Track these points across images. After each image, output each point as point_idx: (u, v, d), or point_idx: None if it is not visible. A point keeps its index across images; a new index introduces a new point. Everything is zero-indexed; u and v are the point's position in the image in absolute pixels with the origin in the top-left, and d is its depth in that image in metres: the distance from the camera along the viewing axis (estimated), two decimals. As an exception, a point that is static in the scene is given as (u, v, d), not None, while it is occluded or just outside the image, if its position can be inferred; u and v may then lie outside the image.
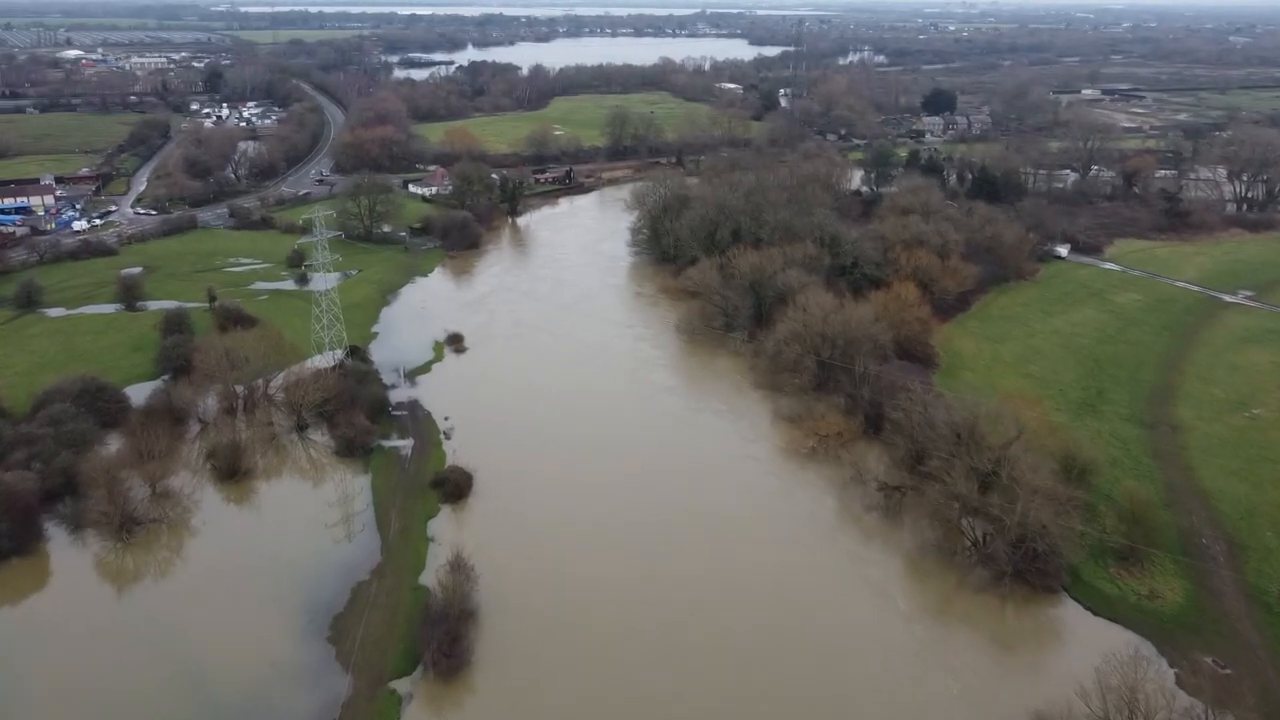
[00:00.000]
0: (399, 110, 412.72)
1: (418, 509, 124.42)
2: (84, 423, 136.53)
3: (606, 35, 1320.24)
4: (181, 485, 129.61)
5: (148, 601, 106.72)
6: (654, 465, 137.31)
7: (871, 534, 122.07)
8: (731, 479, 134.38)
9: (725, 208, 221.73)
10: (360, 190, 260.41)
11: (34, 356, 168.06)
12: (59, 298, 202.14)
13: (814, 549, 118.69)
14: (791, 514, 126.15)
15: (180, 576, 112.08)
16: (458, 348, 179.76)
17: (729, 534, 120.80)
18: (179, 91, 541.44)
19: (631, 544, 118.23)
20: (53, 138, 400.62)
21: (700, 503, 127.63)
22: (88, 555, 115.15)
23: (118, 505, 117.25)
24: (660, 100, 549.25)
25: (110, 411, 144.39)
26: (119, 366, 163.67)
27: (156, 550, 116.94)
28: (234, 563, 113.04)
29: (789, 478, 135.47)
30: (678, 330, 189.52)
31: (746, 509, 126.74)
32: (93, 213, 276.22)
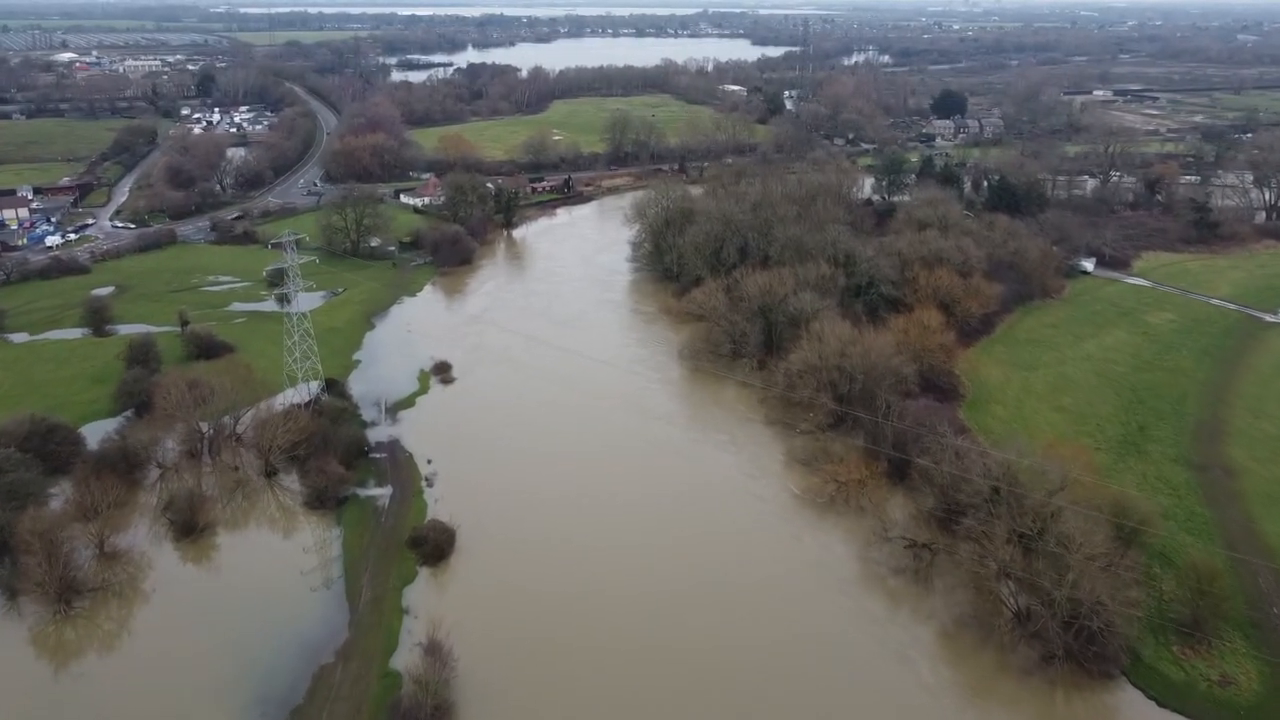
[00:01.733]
0: (393, 115, 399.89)
1: (393, 573, 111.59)
2: (29, 471, 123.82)
3: (608, 36, 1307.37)
4: (133, 543, 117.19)
5: (83, 691, 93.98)
6: (655, 518, 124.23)
7: (899, 600, 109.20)
8: (742, 532, 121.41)
9: (731, 222, 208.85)
10: (347, 202, 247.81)
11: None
12: (23, 321, 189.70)
13: (834, 617, 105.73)
14: (808, 574, 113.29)
15: (124, 656, 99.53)
16: (444, 378, 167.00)
17: (740, 599, 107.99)
18: (170, 96, 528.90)
19: (627, 613, 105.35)
20: (36, 145, 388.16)
21: (708, 561, 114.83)
22: (21, 630, 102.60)
23: (56, 571, 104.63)
24: (662, 103, 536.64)
25: (62, 455, 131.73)
26: (77, 401, 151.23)
27: (101, 622, 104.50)
28: (184, 639, 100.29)
29: (805, 531, 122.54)
30: (681, 357, 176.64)
31: (759, 568, 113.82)
32: (68, 227, 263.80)
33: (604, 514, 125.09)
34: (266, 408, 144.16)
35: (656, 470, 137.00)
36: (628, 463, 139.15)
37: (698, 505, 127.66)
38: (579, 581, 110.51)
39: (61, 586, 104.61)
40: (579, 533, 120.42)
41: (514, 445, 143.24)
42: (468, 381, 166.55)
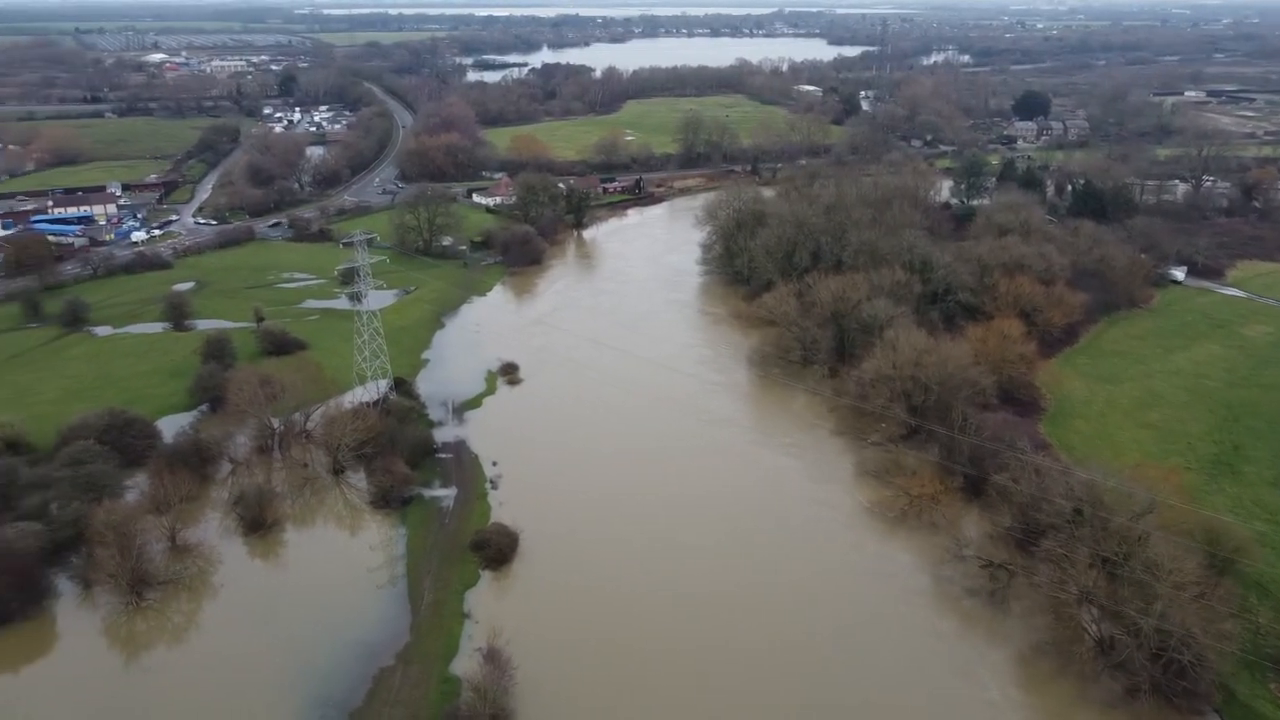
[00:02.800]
0: (467, 115, 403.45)
1: (455, 576, 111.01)
2: (106, 463, 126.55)
3: (682, 35, 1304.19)
4: (204, 537, 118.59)
5: (151, 684, 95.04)
6: (721, 525, 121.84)
7: (972, 621, 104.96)
8: (808, 543, 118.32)
9: (804, 226, 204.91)
10: (420, 201, 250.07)
11: (68, 382, 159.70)
12: (107, 314, 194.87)
13: (903, 634, 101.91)
14: (877, 589, 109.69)
15: (191, 650, 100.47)
16: (511, 378, 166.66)
17: (805, 609, 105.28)
18: (253, 95, 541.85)
19: (689, 620, 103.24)
20: (125, 143, 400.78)
21: (772, 570, 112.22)
22: (95, 620, 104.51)
23: (129, 563, 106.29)
24: (735, 103, 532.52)
25: (138, 448, 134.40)
26: (154, 395, 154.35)
27: (170, 615, 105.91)
28: (250, 635, 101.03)
29: (874, 545, 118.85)
30: (750, 362, 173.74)
31: (826, 580, 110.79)
32: (153, 223, 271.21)
33: (668, 519, 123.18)
34: (336, 405, 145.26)
35: (722, 476, 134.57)
36: (693, 468, 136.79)
37: (763, 514, 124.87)
38: (641, 588, 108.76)
39: (134, 578, 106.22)
40: (642, 538, 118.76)
41: (579, 448, 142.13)
42: (534, 383, 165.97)
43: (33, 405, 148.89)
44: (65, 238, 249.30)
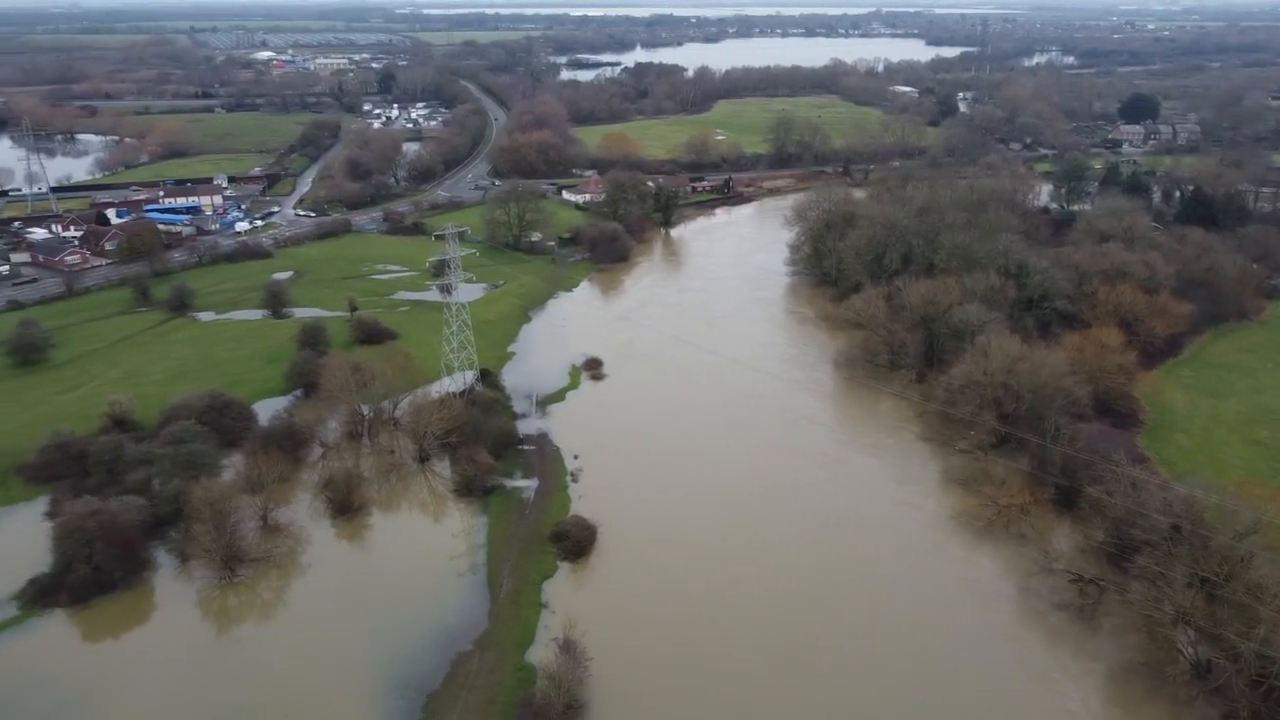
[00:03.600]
0: (559, 113, 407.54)
1: (533, 566, 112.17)
2: (205, 443, 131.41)
3: (776, 35, 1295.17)
4: (294, 518, 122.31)
5: (240, 656, 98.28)
6: (802, 527, 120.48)
7: (1060, 637, 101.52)
8: (889, 549, 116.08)
9: (895, 228, 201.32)
10: (511, 197, 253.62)
11: (173, 364, 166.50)
12: (210, 301, 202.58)
13: (986, 646, 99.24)
14: (960, 600, 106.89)
15: (278, 626, 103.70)
16: (595, 374, 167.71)
17: (882, 615, 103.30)
18: (354, 92, 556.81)
19: (764, 620, 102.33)
20: (232, 137, 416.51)
21: (851, 574, 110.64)
22: (190, 593, 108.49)
23: (223, 539, 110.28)
24: (828, 104, 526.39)
25: (235, 430, 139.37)
26: (252, 379, 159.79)
27: (260, 591, 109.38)
28: (334, 615, 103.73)
29: (960, 555, 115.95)
30: (835, 364, 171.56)
31: (905, 587, 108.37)
32: (256, 214, 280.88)
33: (747, 517, 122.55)
34: (423, 394, 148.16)
35: (803, 476, 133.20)
36: (773, 467, 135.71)
37: (844, 517, 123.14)
38: (717, 585, 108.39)
39: (227, 554, 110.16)
40: (720, 535, 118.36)
41: (660, 444, 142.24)
42: (617, 378, 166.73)
43: (140, 385, 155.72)
44: (174, 227, 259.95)
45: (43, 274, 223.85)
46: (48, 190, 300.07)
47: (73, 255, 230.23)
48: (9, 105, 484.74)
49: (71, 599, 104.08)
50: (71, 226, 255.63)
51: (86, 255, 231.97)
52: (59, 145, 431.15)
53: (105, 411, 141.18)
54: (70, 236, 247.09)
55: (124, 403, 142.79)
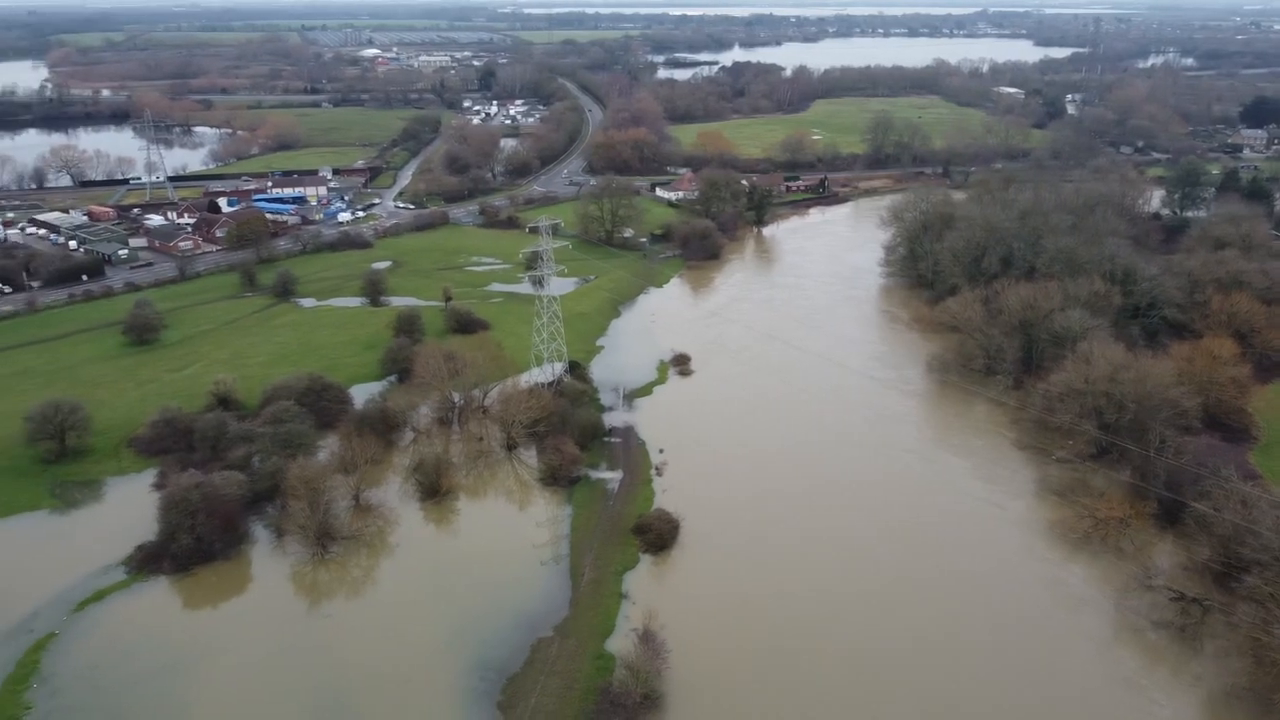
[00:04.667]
0: (655, 111, 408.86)
1: (615, 558, 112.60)
2: (304, 423, 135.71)
3: (878, 35, 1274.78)
4: (384, 499, 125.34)
5: (329, 630, 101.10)
6: (883, 529, 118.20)
7: (1158, 657, 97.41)
8: (977, 557, 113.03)
9: (995, 230, 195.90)
10: (604, 193, 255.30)
11: (276, 348, 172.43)
12: (312, 288, 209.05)
13: (1076, 660, 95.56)
14: (1053, 614, 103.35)
15: (366, 604, 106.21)
16: (683, 369, 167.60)
17: (967, 622, 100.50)
18: (455, 89, 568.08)
19: (844, 621, 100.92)
20: (338, 131, 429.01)
21: (936, 579, 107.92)
22: (284, 567, 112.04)
23: (317, 516, 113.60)
24: (929, 105, 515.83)
25: (332, 412, 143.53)
26: (349, 364, 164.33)
27: (350, 569, 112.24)
28: (420, 595, 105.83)
29: (1053, 566, 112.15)
30: (928, 368, 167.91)
31: (994, 596, 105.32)
32: (358, 205, 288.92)
33: (828, 519, 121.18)
34: (512, 384, 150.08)
35: (889, 480, 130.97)
36: (859, 469, 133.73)
37: (932, 520, 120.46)
38: (798, 584, 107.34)
39: (320, 532, 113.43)
40: (803, 534, 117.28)
41: (745, 441, 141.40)
42: (705, 374, 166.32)
43: (244, 366, 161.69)
44: (281, 216, 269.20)
45: (158, 258, 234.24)
46: (165, 179, 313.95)
47: (186, 241, 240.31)
48: (132, 99, 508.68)
49: (174, 566, 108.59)
50: (186, 214, 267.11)
51: (198, 241, 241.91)
52: (177, 137, 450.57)
53: (211, 390, 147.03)
54: (184, 223, 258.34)
55: (229, 382, 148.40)
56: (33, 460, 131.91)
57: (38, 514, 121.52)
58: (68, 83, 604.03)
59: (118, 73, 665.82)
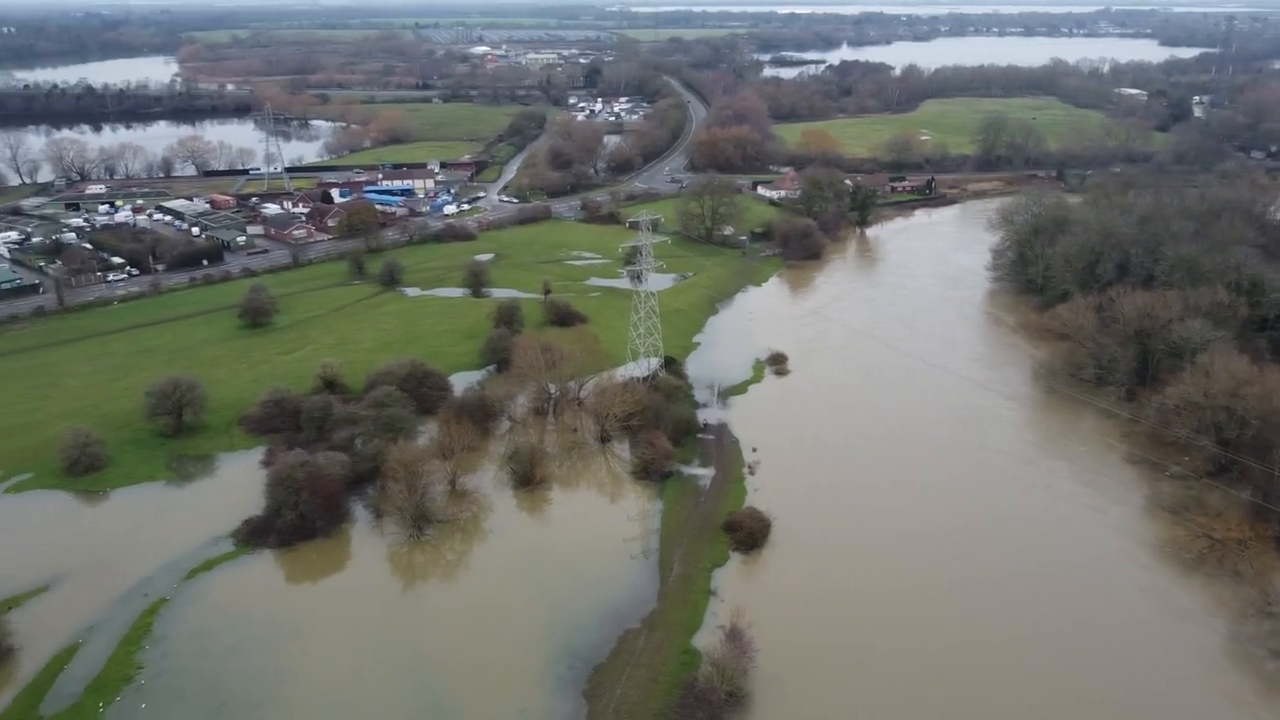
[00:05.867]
0: (759, 109, 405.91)
1: (705, 554, 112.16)
2: (405, 408, 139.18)
3: (992, 34, 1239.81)
4: (479, 485, 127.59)
5: (422, 610, 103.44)
6: (978, 537, 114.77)
7: (1275, 687, 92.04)
8: (1078, 571, 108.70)
9: (1112, 235, 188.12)
10: (705, 190, 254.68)
11: (380, 335, 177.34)
12: (417, 278, 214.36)
13: (1184, 688, 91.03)
14: (1162, 633, 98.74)
15: (458, 587, 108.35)
16: (779, 369, 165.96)
17: (1062, 637, 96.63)
18: (561, 86, 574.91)
19: (942, 630, 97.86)
20: (446, 126, 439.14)
21: (1032, 591, 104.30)
22: (382, 546, 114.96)
23: (414, 499, 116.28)
24: (1045, 106, 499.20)
25: (432, 399, 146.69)
26: (450, 352, 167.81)
27: (444, 551, 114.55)
28: (510, 581, 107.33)
29: (1161, 586, 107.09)
30: (1034, 376, 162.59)
31: (1094, 613, 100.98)
32: (463, 198, 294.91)
33: (922, 520, 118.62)
34: (608, 377, 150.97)
35: (987, 488, 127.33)
36: (956, 476, 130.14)
37: (1033, 533, 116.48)
38: (889, 585, 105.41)
39: (417, 514, 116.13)
40: (894, 536, 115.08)
41: (839, 443, 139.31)
42: (801, 375, 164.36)
43: (351, 352, 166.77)
44: (389, 207, 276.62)
45: (273, 245, 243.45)
46: (282, 170, 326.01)
47: (300, 229, 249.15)
48: (255, 93, 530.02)
49: (278, 541, 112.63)
50: (300, 203, 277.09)
51: (311, 230, 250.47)
52: (294, 130, 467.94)
53: (318, 373, 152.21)
54: (299, 212, 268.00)
55: (335, 366, 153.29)
56: (152, 434, 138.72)
57: (155, 485, 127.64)
58: (196, 77, 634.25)
59: (242, 68, 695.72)
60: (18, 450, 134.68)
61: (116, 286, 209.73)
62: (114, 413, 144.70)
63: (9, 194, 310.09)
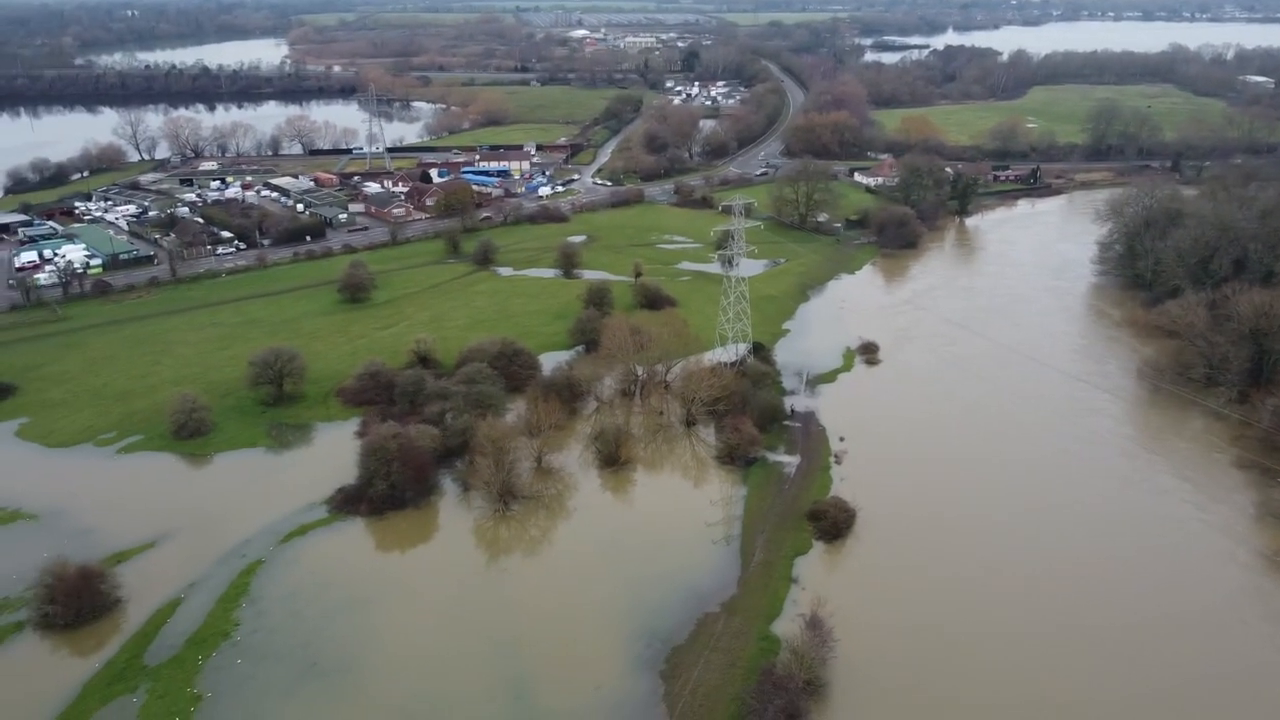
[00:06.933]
0: (858, 95, 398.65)
1: (787, 542, 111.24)
2: (495, 385, 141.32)
3: (1108, 19, 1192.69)
4: (565, 464, 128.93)
5: (505, 583, 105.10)
6: (1071, 537, 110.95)
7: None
8: (1183, 575, 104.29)
9: (1230, 229, 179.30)
10: (801, 176, 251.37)
11: (473, 313, 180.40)
12: (510, 258, 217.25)
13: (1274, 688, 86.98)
14: (1260, 648, 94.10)
15: (540, 562, 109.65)
16: (870, 358, 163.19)
17: (1156, 640, 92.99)
18: (658, 70, 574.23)
19: (1027, 625, 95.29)
20: (544, 108, 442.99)
21: (1138, 605, 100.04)
22: (468, 519, 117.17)
23: (501, 474, 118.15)
24: (1162, 94, 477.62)
25: (521, 377, 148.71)
26: (540, 332, 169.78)
27: (529, 527, 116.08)
28: (592, 559, 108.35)
29: (1265, 591, 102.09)
30: (1139, 374, 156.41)
31: (1189, 619, 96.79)
32: (558, 180, 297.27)
33: (1010, 514, 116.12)
34: (695, 361, 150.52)
35: (1080, 480, 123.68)
36: (1048, 468, 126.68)
37: (1124, 535, 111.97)
38: (974, 581, 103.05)
39: (503, 489, 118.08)
40: (984, 534, 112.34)
41: (929, 436, 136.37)
42: (892, 365, 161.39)
43: (444, 329, 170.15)
44: (485, 188, 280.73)
45: (373, 223, 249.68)
46: (384, 150, 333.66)
47: (399, 208, 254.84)
48: (359, 74, 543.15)
49: (370, 509, 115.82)
50: (400, 183, 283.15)
51: (410, 209, 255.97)
52: (396, 111, 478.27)
53: (412, 349, 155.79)
54: (398, 191, 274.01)
55: (428, 342, 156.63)
56: (254, 402, 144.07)
57: (255, 450, 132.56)
58: (304, 59, 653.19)
59: (348, 50, 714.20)
60: (130, 413, 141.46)
61: (225, 259, 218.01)
62: (219, 380, 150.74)
63: (129, 169, 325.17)
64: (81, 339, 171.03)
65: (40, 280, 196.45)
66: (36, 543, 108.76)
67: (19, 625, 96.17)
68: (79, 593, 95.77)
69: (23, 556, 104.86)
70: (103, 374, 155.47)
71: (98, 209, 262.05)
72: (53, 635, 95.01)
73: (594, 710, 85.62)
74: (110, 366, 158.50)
